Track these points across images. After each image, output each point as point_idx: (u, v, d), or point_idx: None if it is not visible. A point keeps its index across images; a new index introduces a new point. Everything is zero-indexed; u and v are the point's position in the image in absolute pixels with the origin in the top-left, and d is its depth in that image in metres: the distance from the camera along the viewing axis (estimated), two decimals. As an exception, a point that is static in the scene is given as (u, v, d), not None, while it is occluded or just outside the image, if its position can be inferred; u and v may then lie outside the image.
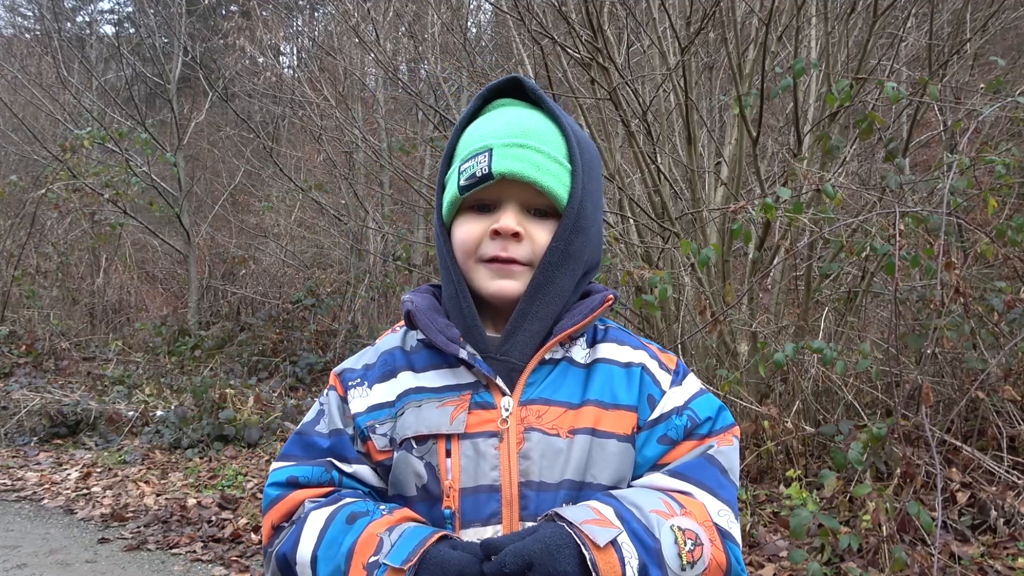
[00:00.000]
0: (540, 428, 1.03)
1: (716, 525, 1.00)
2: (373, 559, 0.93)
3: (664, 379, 1.11)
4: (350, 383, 1.11)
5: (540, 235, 1.05)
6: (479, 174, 1.03)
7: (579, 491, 1.02)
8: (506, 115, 1.08)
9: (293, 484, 1.07)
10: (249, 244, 11.42)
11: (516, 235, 1.03)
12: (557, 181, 1.04)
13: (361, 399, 1.09)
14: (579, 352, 1.10)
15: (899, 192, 3.96)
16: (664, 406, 1.08)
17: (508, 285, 1.05)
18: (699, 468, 1.04)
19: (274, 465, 1.12)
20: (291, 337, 9.04)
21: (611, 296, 1.12)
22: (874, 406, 4.43)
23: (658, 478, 1.04)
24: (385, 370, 1.10)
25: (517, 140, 1.03)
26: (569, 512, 0.94)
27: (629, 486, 1.05)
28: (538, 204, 1.05)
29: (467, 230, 1.07)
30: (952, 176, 3.44)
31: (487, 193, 1.05)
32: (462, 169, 1.05)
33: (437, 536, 0.94)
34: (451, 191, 1.08)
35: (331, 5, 11.72)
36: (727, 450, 1.07)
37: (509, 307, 1.07)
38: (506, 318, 1.07)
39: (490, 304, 1.10)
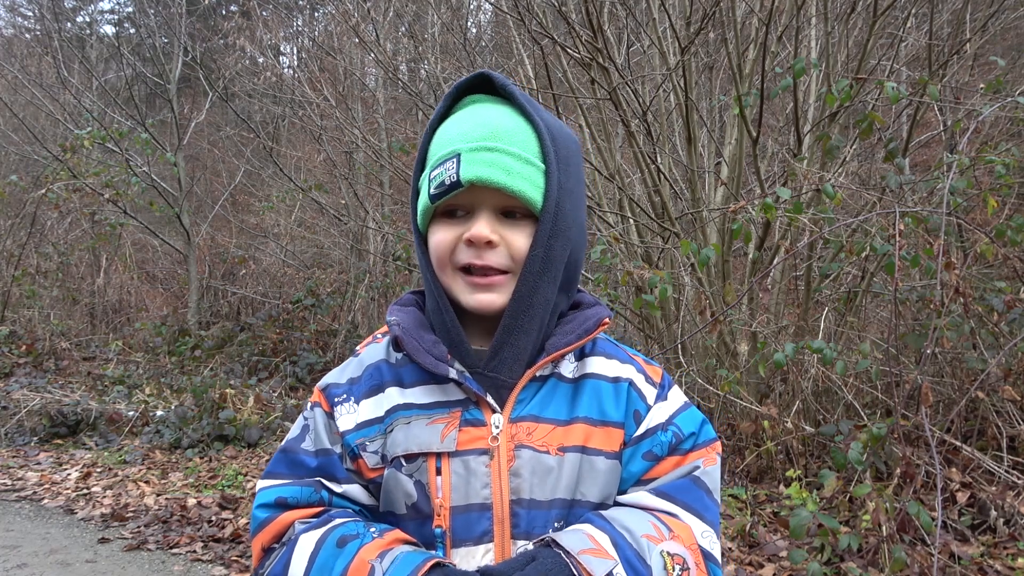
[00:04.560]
0: (530, 445, 1.01)
1: (700, 547, 1.00)
2: None
3: (650, 393, 1.10)
4: (336, 399, 1.08)
5: (516, 239, 1.01)
6: (448, 182, 0.99)
7: (569, 509, 1.02)
8: (475, 114, 1.04)
9: (282, 505, 1.05)
10: (249, 244, 11.43)
11: (490, 243, 1.00)
12: (529, 183, 0.99)
13: (349, 416, 1.06)
14: (567, 367, 1.08)
15: (899, 192, 3.96)
16: (649, 421, 1.07)
17: (488, 298, 1.02)
18: (686, 490, 1.04)
19: (260, 484, 1.08)
20: (291, 337, 9.04)
21: (606, 320, 1.09)
22: (874, 406, 4.44)
23: (645, 497, 1.04)
24: (372, 384, 1.08)
25: (485, 143, 0.99)
26: (566, 539, 0.94)
27: (616, 502, 1.05)
28: (512, 207, 1.01)
29: (440, 238, 1.03)
30: (952, 176, 3.44)
31: (459, 199, 1.01)
32: (432, 176, 1.02)
33: (430, 564, 0.92)
34: (423, 199, 1.05)
35: (331, 5, 11.73)
36: (711, 470, 1.07)
37: (494, 316, 1.04)
38: (492, 327, 1.05)
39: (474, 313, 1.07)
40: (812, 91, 5.32)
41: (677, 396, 1.12)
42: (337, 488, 1.05)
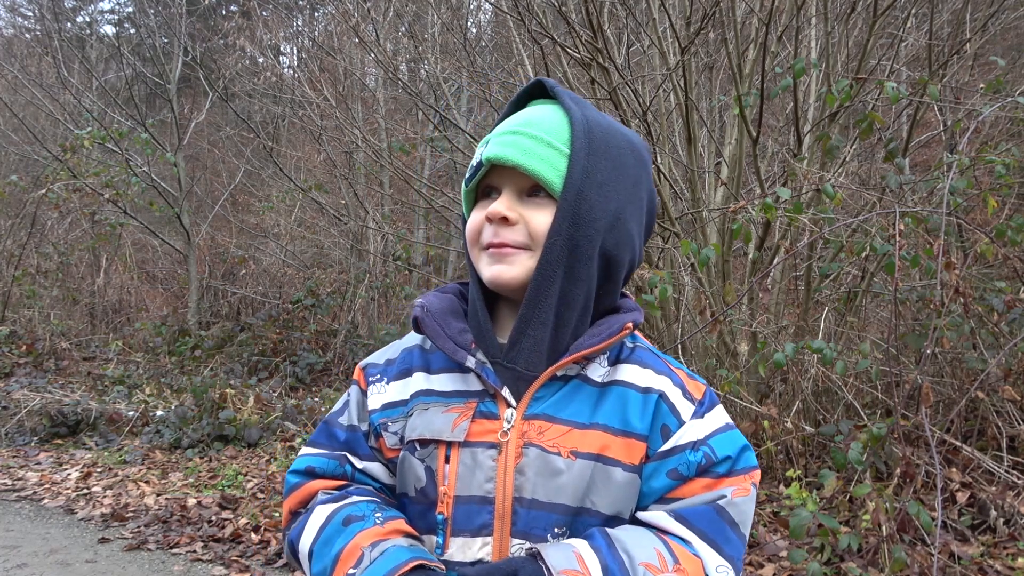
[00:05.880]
0: (539, 444, 1.00)
1: None
2: (352, 572, 0.95)
3: (685, 409, 1.05)
4: (371, 378, 1.13)
5: (535, 217, 1.01)
6: (474, 164, 1.05)
7: (575, 516, 1.00)
8: (522, 112, 1.08)
9: (310, 473, 1.11)
10: (249, 244, 11.43)
11: (505, 219, 1.01)
12: (545, 164, 1.00)
13: (379, 395, 1.10)
14: (597, 371, 1.06)
15: (899, 192, 3.96)
16: (680, 438, 1.03)
17: (502, 270, 1.02)
18: (706, 518, 1.00)
19: (301, 450, 1.15)
20: (291, 337, 9.04)
21: (629, 324, 1.05)
22: (874, 406, 4.43)
23: (663, 517, 1.00)
24: (403, 368, 1.11)
25: (512, 129, 1.03)
26: (552, 555, 0.93)
27: (633, 517, 1.03)
28: (536, 188, 1.03)
29: (472, 220, 1.08)
30: (952, 176, 3.44)
31: (490, 182, 1.06)
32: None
33: (412, 565, 0.93)
34: (463, 187, 1.11)
35: (331, 5, 11.73)
36: (741, 501, 1.02)
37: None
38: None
39: (510, 304, 1.08)
40: (812, 91, 5.32)
41: (718, 416, 1.07)
42: (359, 464, 1.10)
